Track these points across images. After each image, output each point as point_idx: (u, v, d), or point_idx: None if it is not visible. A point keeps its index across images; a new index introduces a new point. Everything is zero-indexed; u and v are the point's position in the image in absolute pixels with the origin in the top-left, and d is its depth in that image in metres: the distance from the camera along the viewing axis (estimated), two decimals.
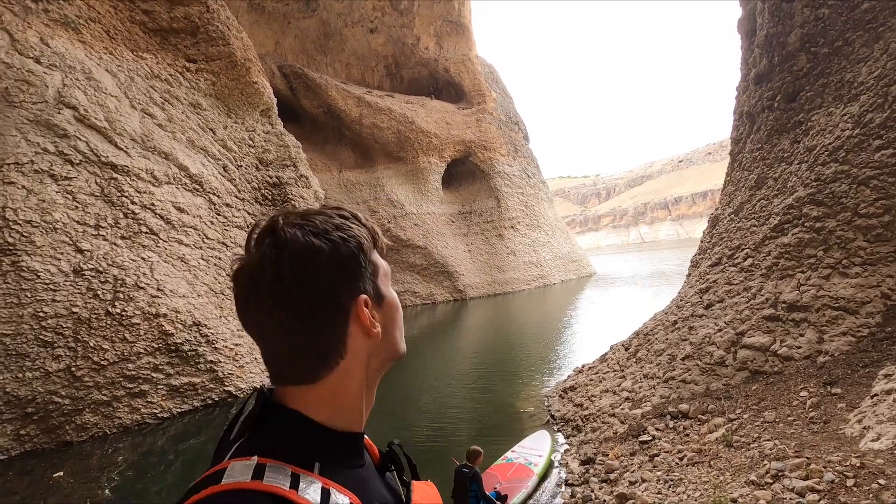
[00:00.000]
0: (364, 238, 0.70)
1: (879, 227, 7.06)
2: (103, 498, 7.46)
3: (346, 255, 0.66)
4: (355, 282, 0.68)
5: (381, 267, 0.74)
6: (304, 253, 0.64)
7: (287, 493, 0.56)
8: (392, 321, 0.74)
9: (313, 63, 32.47)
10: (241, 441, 0.65)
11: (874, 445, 4.27)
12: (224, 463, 0.59)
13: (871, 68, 7.88)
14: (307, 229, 0.65)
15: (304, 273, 0.63)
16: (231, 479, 0.56)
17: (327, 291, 0.65)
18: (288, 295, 0.63)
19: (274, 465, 0.59)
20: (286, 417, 0.66)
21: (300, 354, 0.66)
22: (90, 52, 12.67)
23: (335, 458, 0.66)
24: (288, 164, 17.36)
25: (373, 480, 0.72)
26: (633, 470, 5.93)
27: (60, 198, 10.63)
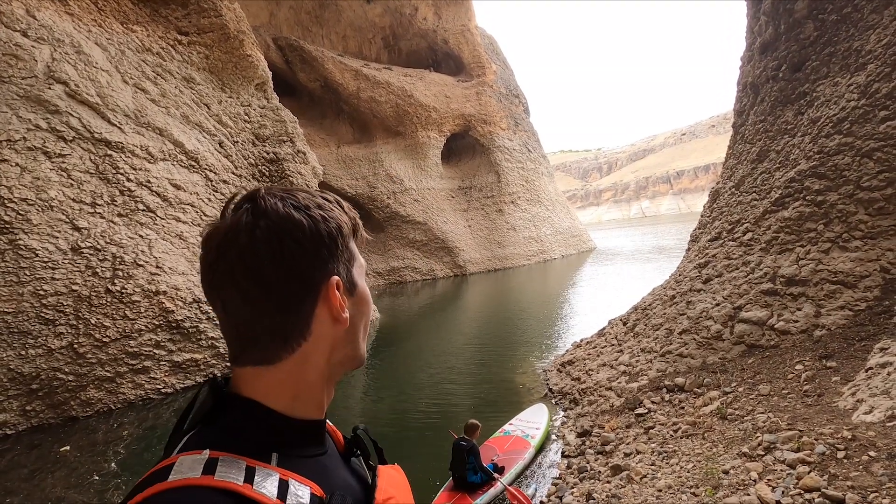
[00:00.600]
0: (345, 223, 0.68)
1: (881, 201, 6.98)
2: (110, 471, 7.63)
3: (324, 233, 0.63)
4: (331, 263, 0.65)
5: (357, 258, 0.72)
6: (283, 223, 0.61)
7: (241, 488, 0.52)
8: (360, 314, 0.71)
9: (309, 35, 31.71)
10: (191, 433, 0.61)
11: (866, 418, 4.31)
12: (172, 458, 0.55)
13: (879, 36, 7.65)
14: (288, 202, 0.63)
15: (280, 243, 0.60)
16: (179, 476, 0.52)
17: (300, 266, 0.61)
18: (258, 264, 0.59)
19: (227, 458, 0.55)
20: (241, 407, 0.62)
21: (262, 331, 0.61)
22: (78, 24, 12.36)
23: (294, 448, 0.63)
24: (285, 139, 17.14)
25: (336, 468, 0.69)
26: (628, 442, 6.03)
27: (55, 175, 10.53)
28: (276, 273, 0.60)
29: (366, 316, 0.73)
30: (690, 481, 4.18)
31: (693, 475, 4.29)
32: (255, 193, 0.63)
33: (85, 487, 7.12)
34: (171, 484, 0.51)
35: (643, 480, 4.70)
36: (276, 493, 0.55)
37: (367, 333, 0.75)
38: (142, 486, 0.53)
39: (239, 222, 0.61)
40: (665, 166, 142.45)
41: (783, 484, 3.51)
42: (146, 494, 0.51)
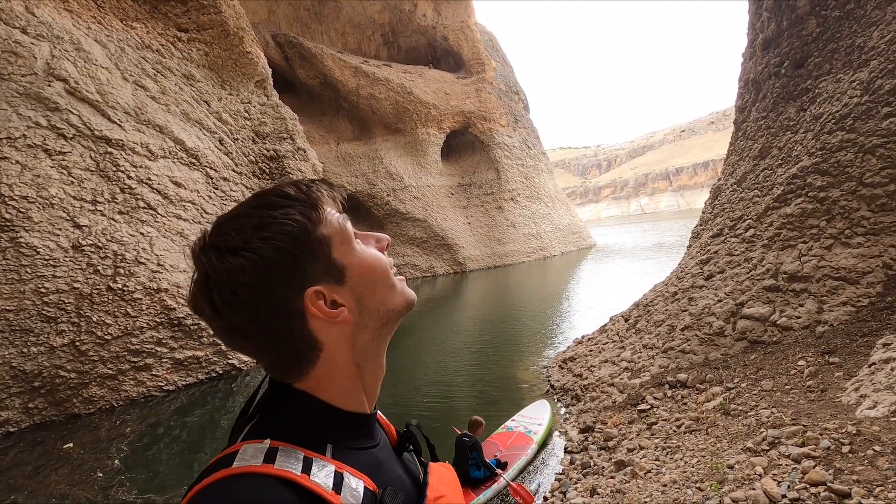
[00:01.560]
0: (296, 220, 0.61)
1: (884, 197, 6.98)
2: (114, 468, 7.64)
3: (272, 258, 0.59)
4: (296, 278, 0.61)
5: (334, 235, 0.65)
6: (226, 278, 0.58)
7: (299, 477, 0.55)
8: (368, 286, 0.66)
9: (308, 32, 31.61)
10: (253, 422, 0.64)
11: (870, 413, 4.33)
12: (236, 445, 0.58)
13: (882, 32, 7.65)
14: (223, 249, 0.59)
15: (236, 297, 0.58)
16: (243, 463, 0.55)
17: (268, 303, 0.59)
18: (234, 323, 0.60)
19: (286, 448, 0.58)
20: (297, 398, 0.64)
21: (277, 361, 0.64)
22: (78, 21, 12.31)
23: (347, 440, 0.65)
24: (285, 136, 17.11)
25: (388, 461, 0.71)
26: (631, 437, 6.04)
27: (55, 173, 10.51)
28: (251, 321, 0.60)
29: (377, 279, 0.67)
30: (695, 476, 4.20)
31: (698, 470, 4.31)
32: (195, 255, 0.62)
33: (89, 484, 7.14)
34: (234, 470, 0.54)
35: (647, 475, 4.72)
36: (331, 484, 0.57)
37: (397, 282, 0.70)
38: (209, 471, 0.56)
39: (195, 297, 0.62)
40: (664, 163, 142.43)
41: (789, 478, 3.53)
42: (213, 479, 0.54)
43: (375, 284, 0.67)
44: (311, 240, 0.62)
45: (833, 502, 3.17)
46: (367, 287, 0.66)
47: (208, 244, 0.61)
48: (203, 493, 0.53)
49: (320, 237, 0.63)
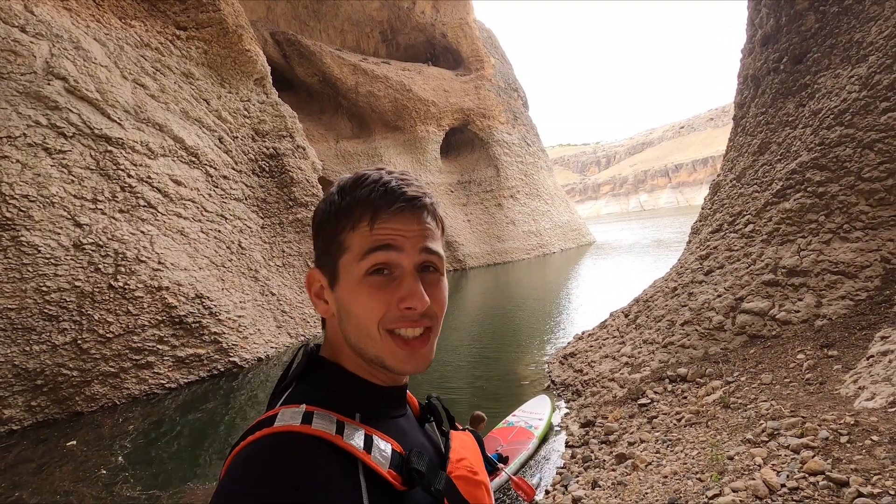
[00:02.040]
0: (331, 211, 0.66)
1: (882, 191, 7.02)
2: (117, 464, 7.68)
3: (315, 223, 0.71)
4: (317, 252, 0.71)
5: (349, 249, 0.64)
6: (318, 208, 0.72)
7: (333, 437, 0.60)
8: (346, 315, 0.66)
9: (306, 29, 31.56)
10: (290, 390, 0.68)
11: (868, 404, 4.37)
12: (275, 409, 0.63)
13: (881, 27, 7.67)
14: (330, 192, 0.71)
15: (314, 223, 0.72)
16: (283, 423, 0.60)
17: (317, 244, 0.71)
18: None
19: (320, 412, 0.62)
20: (329, 369, 0.70)
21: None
22: (77, 19, 12.30)
23: (374, 409, 0.70)
24: (284, 134, 17.12)
25: (412, 430, 0.75)
26: (632, 431, 6.09)
27: (56, 171, 10.52)
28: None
29: (356, 317, 0.64)
30: (696, 467, 4.24)
31: (698, 461, 4.35)
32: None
33: (93, 481, 7.18)
34: (276, 429, 0.59)
35: (648, 468, 4.76)
36: (362, 445, 0.61)
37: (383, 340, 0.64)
38: (252, 430, 0.60)
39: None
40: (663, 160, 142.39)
41: (788, 468, 3.57)
42: (256, 436, 0.59)
43: (351, 318, 0.66)
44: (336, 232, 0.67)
45: (831, 491, 3.22)
46: (344, 313, 0.67)
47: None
48: (247, 449, 0.58)
49: (342, 241, 0.66)
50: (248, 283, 14.13)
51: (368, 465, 0.60)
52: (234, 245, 14.20)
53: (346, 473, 0.58)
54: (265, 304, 14.29)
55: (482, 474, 0.75)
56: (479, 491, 0.72)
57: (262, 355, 12.83)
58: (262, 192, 16.02)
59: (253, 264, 14.61)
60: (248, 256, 14.55)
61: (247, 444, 0.58)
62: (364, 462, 0.60)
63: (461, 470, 0.72)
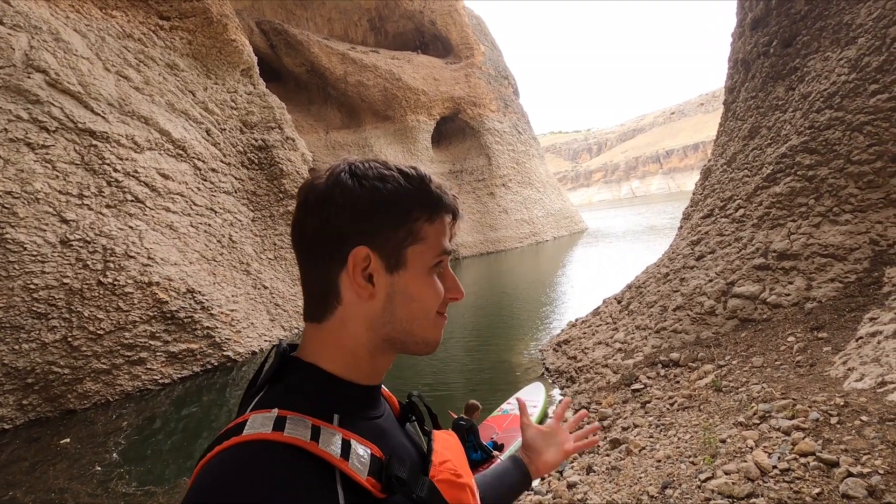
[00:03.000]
0: (405, 196, 0.65)
1: (871, 174, 7.06)
2: (112, 461, 7.65)
3: (368, 200, 0.63)
4: (371, 234, 0.64)
5: (423, 239, 0.66)
6: (335, 187, 0.64)
7: (308, 444, 0.56)
8: (407, 298, 0.67)
9: (293, 18, 31.05)
10: (262, 394, 0.64)
11: (858, 385, 4.43)
12: (245, 415, 0.59)
13: (870, 9, 7.65)
14: (357, 171, 0.65)
15: (326, 203, 0.63)
16: (252, 431, 0.56)
17: (333, 227, 0.63)
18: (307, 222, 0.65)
19: (294, 417, 0.59)
20: (303, 369, 0.66)
21: (308, 285, 0.68)
22: (55, 10, 12.00)
23: (353, 410, 0.66)
24: (273, 125, 16.91)
25: (393, 431, 0.72)
26: (625, 416, 6.14)
27: (39, 167, 10.32)
28: (315, 231, 0.64)
29: (421, 302, 0.67)
30: (689, 451, 4.28)
31: (691, 445, 4.39)
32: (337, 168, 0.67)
33: (87, 478, 7.15)
34: (245, 438, 0.55)
35: (642, 452, 4.80)
36: (339, 451, 0.58)
37: (436, 322, 0.70)
38: (219, 439, 0.56)
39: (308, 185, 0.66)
40: (654, 146, 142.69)
41: (779, 450, 3.61)
42: (224, 446, 0.55)
43: (413, 304, 0.67)
44: (403, 219, 0.65)
45: (822, 471, 3.25)
46: (403, 298, 0.67)
47: (360, 163, 0.67)
48: (214, 461, 0.54)
49: (416, 229, 0.66)
50: (239, 276, 14.03)
51: (346, 472, 0.57)
52: (224, 239, 14.06)
53: (322, 483, 0.55)
54: (258, 298, 14.21)
55: (466, 476, 0.72)
56: (463, 494, 0.69)
57: (256, 349, 12.79)
58: (251, 185, 15.85)
59: (244, 258, 14.50)
60: (239, 250, 14.43)
61: (214, 456, 0.54)
62: (341, 470, 0.57)
63: (444, 473, 0.68)
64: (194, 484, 0.53)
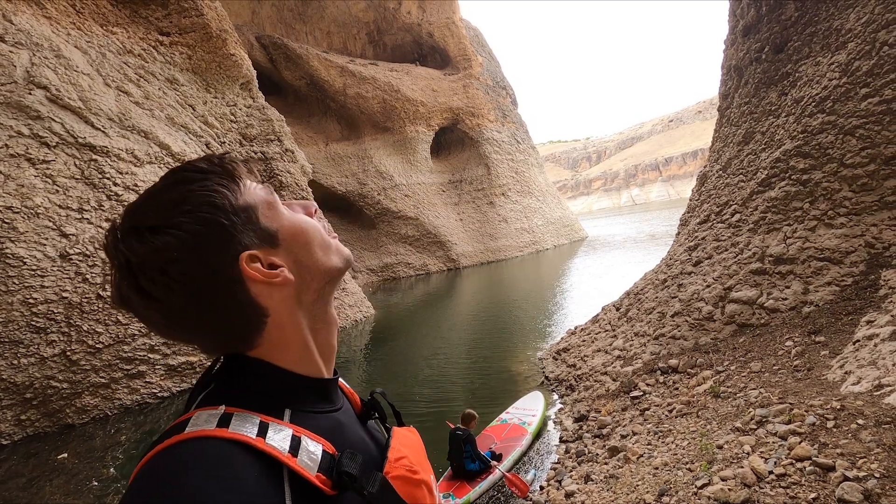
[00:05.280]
0: (217, 190, 0.61)
1: (865, 177, 7.08)
2: (109, 476, 7.60)
3: (200, 230, 0.57)
4: (229, 246, 0.59)
5: (257, 202, 0.64)
6: (152, 259, 0.56)
7: (254, 441, 0.54)
8: (303, 247, 0.66)
9: (292, 32, 31.42)
10: (208, 391, 0.63)
11: (854, 388, 4.40)
12: (190, 413, 0.58)
13: (859, 14, 7.73)
14: (142, 230, 0.57)
15: (167, 276, 0.57)
16: (195, 428, 0.54)
17: (203, 275, 0.58)
18: (170, 304, 0.58)
19: (241, 413, 0.57)
20: (252, 365, 0.64)
21: (223, 335, 0.62)
22: (57, 27, 12.17)
23: (306, 404, 0.65)
24: (272, 138, 17.03)
25: (351, 425, 0.71)
26: (624, 424, 6.11)
27: (40, 182, 10.39)
28: (186, 300, 0.58)
29: (311, 239, 0.67)
30: (686, 458, 4.25)
31: (688, 452, 4.36)
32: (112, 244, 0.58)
33: (84, 493, 7.10)
34: (187, 435, 0.53)
35: (640, 460, 4.77)
36: (287, 447, 0.56)
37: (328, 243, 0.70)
38: (160, 438, 0.55)
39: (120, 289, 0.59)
40: (653, 153, 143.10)
41: (775, 455, 3.58)
42: (164, 445, 0.53)
43: (310, 245, 0.67)
44: (237, 207, 0.62)
45: (818, 476, 3.23)
46: (302, 248, 0.66)
47: (124, 229, 0.58)
48: (154, 459, 0.52)
49: (244, 204, 0.63)
50: None
51: (294, 469, 0.55)
52: None
53: (268, 481, 0.53)
54: None
55: (424, 472, 0.71)
56: (418, 490, 0.67)
57: None
58: None
59: None
60: None
61: (154, 455, 0.53)
62: (289, 466, 0.55)
63: (399, 469, 0.67)
64: (132, 485, 0.51)
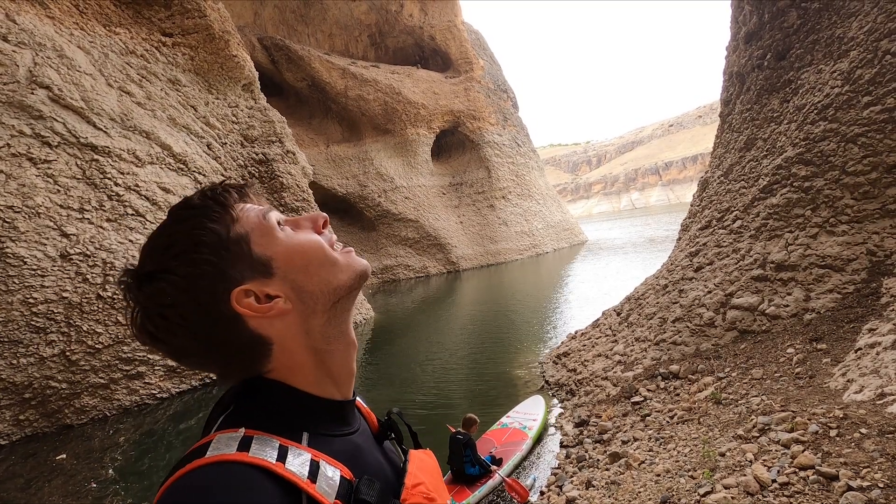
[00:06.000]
0: (205, 227, 0.60)
1: (866, 185, 7.09)
2: (108, 477, 7.58)
3: (190, 272, 0.58)
4: (220, 284, 0.60)
5: (251, 230, 0.63)
6: (152, 305, 0.59)
7: (273, 466, 0.54)
8: (300, 270, 0.64)
9: (294, 34, 31.48)
10: (227, 413, 0.63)
11: (857, 397, 4.40)
12: (210, 436, 0.58)
13: (861, 23, 7.76)
14: (141, 277, 0.59)
15: (167, 320, 0.59)
16: (216, 452, 0.54)
17: (200, 316, 0.59)
18: (175, 344, 0.60)
19: (261, 437, 0.57)
20: (271, 387, 0.64)
21: (230, 367, 0.64)
22: (60, 27, 12.17)
23: (324, 427, 0.65)
24: (273, 139, 17.03)
25: (368, 448, 0.71)
26: (625, 430, 6.10)
27: (41, 182, 10.39)
28: (188, 340, 0.60)
29: (310, 261, 0.65)
30: (688, 465, 4.24)
31: (690, 459, 4.36)
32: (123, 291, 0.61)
33: (83, 495, 7.07)
34: (208, 459, 0.54)
35: (641, 466, 4.76)
36: (307, 473, 0.56)
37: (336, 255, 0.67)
38: (182, 462, 0.55)
39: (135, 329, 0.61)
40: (653, 158, 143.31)
41: (778, 463, 3.58)
42: (185, 470, 0.53)
43: (310, 266, 0.65)
44: (226, 242, 0.61)
45: (821, 485, 3.22)
46: (300, 272, 0.64)
47: (131, 276, 0.61)
48: (176, 485, 0.52)
49: (236, 237, 0.62)
50: None
51: (313, 496, 0.55)
52: None
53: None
54: None
55: (441, 499, 0.70)
56: None
57: None
58: None
59: None
60: None
61: (175, 480, 0.53)
62: (308, 493, 0.55)
63: (417, 497, 0.67)
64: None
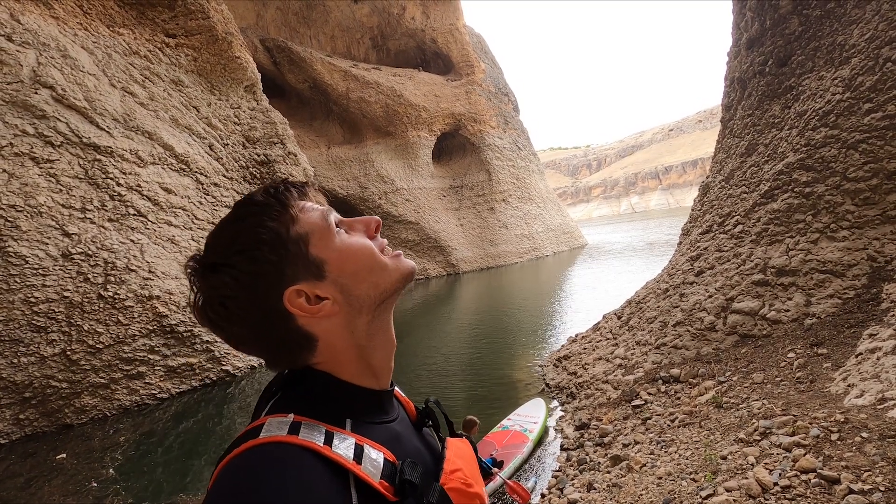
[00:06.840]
0: (268, 226, 0.64)
1: (867, 191, 7.13)
2: (108, 477, 7.57)
3: (250, 269, 0.63)
4: (276, 282, 0.64)
5: (311, 231, 0.67)
6: (213, 294, 0.64)
7: (322, 448, 0.58)
8: (351, 275, 0.68)
9: (297, 36, 31.56)
10: (276, 398, 0.67)
11: (858, 401, 4.42)
12: (262, 419, 0.62)
13: (862, 30, 7.81)
14: (205, 267, 0.64)
15: (226, 309, 0.64)
16: (269, 434, 0.58)
17: (256, 310, 0.64)
18: (232, 331, 0.66)
19: (309, 422, 0.61)
20: (316, 377, 0.68)
21: (277, 356, 0.69)
22: (64, 28, 12.21)
23: (365, 415, 0.69)
24: (275, 141, 17.07)
25: (407, 435, 0.74)
26: (626, 433, 6.11)
27: (43, 181, 10.40)
28: (244, 329, 0.65)
29: (360, 264, 0.69)
30: (690, 468, 4.26)
31: (692, 462, 4.37)
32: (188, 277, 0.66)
33: (83, 494, 7.07)
34: (262, 440, 0.58)
35: (643, 469, 4.78)
36: (352, 455, 0.60)
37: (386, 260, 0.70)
38: (237, 442, 0.59)
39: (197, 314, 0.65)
40: (653, 162, 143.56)
41: (780, 466, 3.60)
42: (242, 448, 0.57)
43: (360, 272, 0.69)
44: (286, 241, 0.65)
45: (823, 488, 3.24)
46: (350, 276, 0.68)
47: (196, 264, 0.65)
48: (234, 462, 0.56)
49: (295, 237, 0.66)
50: None
51: (359, 476, 0.59)
52: None
53: (337, 485, 0.57)
54: None
55: (477, 486, 0.73)
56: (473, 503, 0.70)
57: (256, 363, 12.73)
58: None
59: None
60: None
61: (233, 457, 0.56)
62: (354, 473, 0.59)
63: (455, 482, 0.70)
64: (214, 486, 0.55)
